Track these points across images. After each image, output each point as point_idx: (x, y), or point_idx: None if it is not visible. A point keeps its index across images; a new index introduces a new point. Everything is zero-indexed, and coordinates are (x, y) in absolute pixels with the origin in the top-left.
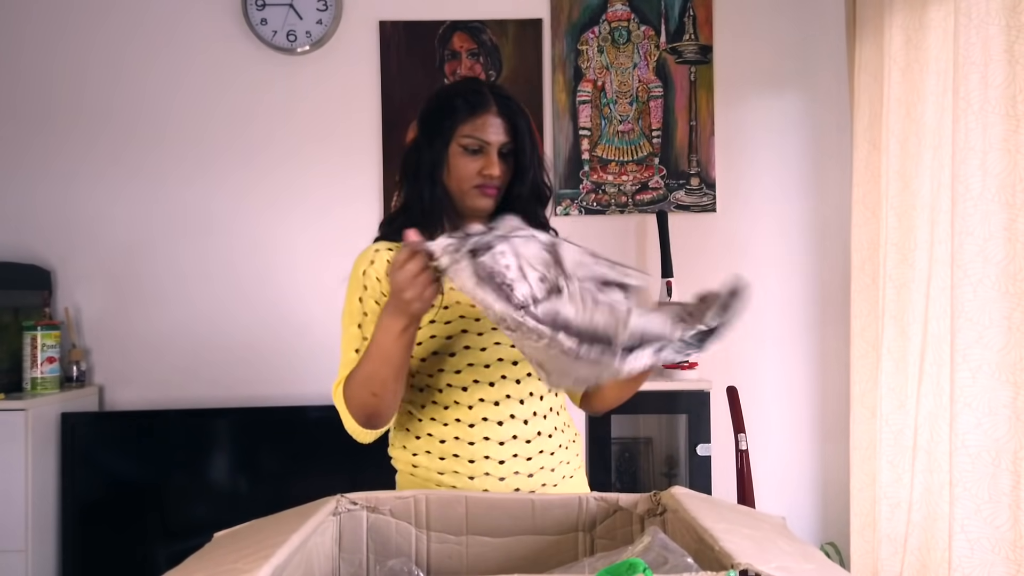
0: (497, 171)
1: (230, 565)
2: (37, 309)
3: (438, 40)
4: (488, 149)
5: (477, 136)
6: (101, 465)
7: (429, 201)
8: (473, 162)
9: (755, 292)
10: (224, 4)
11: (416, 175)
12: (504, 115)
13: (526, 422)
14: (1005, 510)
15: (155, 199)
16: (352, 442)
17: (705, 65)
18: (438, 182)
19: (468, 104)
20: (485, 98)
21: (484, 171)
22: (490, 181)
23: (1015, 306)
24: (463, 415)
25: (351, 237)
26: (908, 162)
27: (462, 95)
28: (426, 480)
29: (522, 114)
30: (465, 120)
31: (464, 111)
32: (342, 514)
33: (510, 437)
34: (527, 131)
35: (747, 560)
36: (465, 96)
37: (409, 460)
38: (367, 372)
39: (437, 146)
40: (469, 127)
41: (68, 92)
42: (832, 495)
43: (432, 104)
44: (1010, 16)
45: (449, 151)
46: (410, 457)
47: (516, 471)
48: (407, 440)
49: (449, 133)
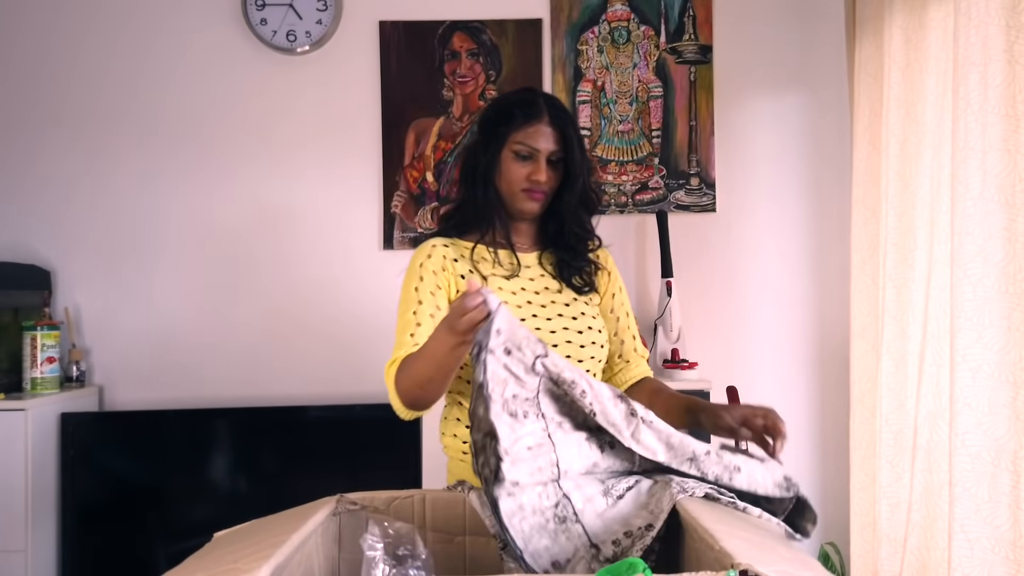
0: (544, 177)
1: (230, 565)
2: (37, 309)
3: (438, 40)
4: (537, 156)
5: (528, 143)
6: (101, 465)
7: (483, 202)
8: (523, 167)
9: (755, 292)
10: (224, 4)
11: (472, 177)
12: (555, 125)
13: None
14: (1005, 510)
15: (155, 199)
16: (352, 442)
17: (705, 65)
18: (491, 184)
19: (523, 113)
20: (539, 108)
21: (532, 176)
22: (537, 186)
23: (1015, 306)
24: None
25: (351, 236)
26: (908, 162)
27: (518, 104)
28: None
29: (573, 125)
30: (519, 128)
31: (519, 119)
32: (342, 514)
33: None
34: (577, 141)
35: (747, 560)
36: (520, 105)
37: (459, 447)
38: (418, 369)
39: (492, 150)
40: (522, 134)
41: (68, 92)
42: (832, 495)
43: (490, 110)
44: (1010, 16)
45: (502, 156)
46: (460, 444)
47: None
48: (457, 428)
49: (503, 139)
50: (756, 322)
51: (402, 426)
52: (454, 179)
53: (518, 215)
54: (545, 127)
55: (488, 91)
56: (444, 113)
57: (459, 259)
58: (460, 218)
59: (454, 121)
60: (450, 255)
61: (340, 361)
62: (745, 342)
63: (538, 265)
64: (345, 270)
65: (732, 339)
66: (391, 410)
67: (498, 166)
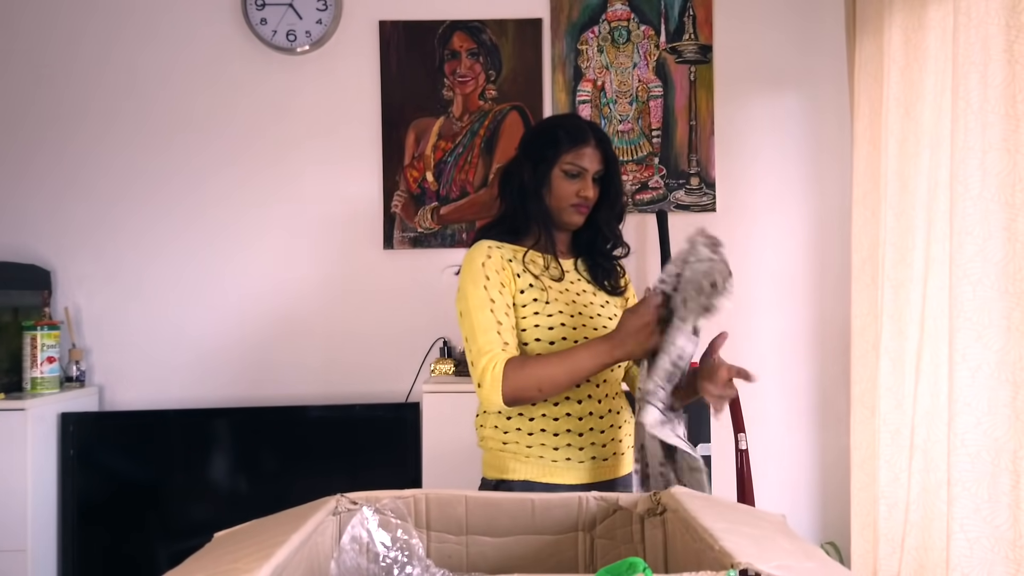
0: (591, 193)
1: (230, 565)
2: (37, 309)
3: (438, 40)
4: (585, 175)
5: (578, 164)
6: (101, 465)
7: (535, 213)
8: (572, 185)
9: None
10: (224, 4)
11: (521, 192)
12: (600, 148)
13: (600, 401)
14: (1005, 509)
15: (155, 198)
16: (352, 442)
17: (705, 65)
18: (542, 199)
19: (570, 136)
20: (585, 132)
21: (581, 193)
22: (585, 202)
23: (1014, 306)
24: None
25: (351, 236)
26: (907, 162)
27: (564, 128)
28: (515, 455)
29: (611, 148)
30: (568, 149)
31: (567, 142)
32: (342, 514)
33: (587, 414)
34: (615, 162)
35: (747, 559)
36: (567, 129)
37: (500, 438)
38: (549, 373)
39: (542, 170)
40: (572, 156)
41: (67, 92)
42: (832, 495)
43: (536, 134)
44: (1010, 16)
45: (552, 174)
46: (501, 435)
47: (592, 443)
48: (499, 420)
49: (553, 159)
50: (756, 322)
51: (402, 426)
52: (493, 196)
53: (563, 226)
54: (592, 149)
55: (488, 91)
56: (444, 113)
57: (512, 260)
58: (506, 227)
59: (454, 121)
60: (505, 255)
61: (340, 361)
62: (745, 342)
63: (574, 271)
64: (345, 270)
65: (732, 339)
66: (391, 410)
67: (548, 183)
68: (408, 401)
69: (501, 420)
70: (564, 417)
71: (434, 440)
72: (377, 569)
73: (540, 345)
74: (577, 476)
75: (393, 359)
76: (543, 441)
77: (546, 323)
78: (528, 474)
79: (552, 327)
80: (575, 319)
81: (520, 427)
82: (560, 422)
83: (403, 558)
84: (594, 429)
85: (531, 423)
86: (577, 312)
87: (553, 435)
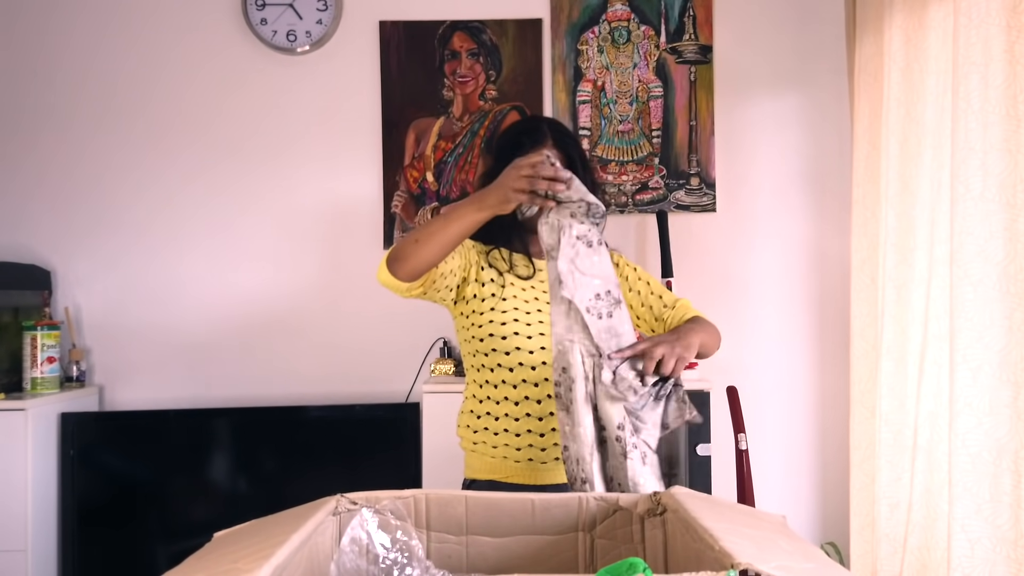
0: None
1: (230, 565)
2: (37, 309)
3: (438, 40)
4: None
5: None
6: (101, 465)
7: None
8: None
9: (755, 291)
10: (224, 4)
11: None
12: (559, 147)
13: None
14: (1006, 509)
15: (155, 199)
16: (352, 442)
17: (705, 65)
18: None
19: (530, 139)
20: (543, 133)
21: None
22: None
23: (1016, 306)
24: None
25: (352, 236)
26: (908, 162)
27: (525, 132)
28: (483, 455)
29: (575, 145)
30: (527, 152)
31: (527, 146)
32: (342, 514)
33: (547, 414)
34: (579, 159)
35: (747, 559)
36: (528, 132)
37: (471, 438)
38: (425, 228)
39: None
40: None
41: (67, 92)
42: (832, 495)
43: (502, 140)
44: (1010, 16)
45: None
46: (471, 435)
47: (555, 443)
48: (471, 420)
49: None
50: (756, 322)
51: (402, 426)
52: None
53: (533, 227)
54: (550, 149)
55: (488, 91)
56: (444, 113)
57: (481, 253)
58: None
59: (454, 121)
60: (478, 249)
61: (340, 361)
62: (745, 342)
63: None
64: (346, 270)
65: (732, 339)
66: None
67: None
68: (408, 401)
69: (472, 419)
70: (524, 417)
71: (434, 440)
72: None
73: (494, 340)
74: (540, 477)
75: (393, 359)
76: (507, 441)
77: (500, 318)
78: (494, 473)
79: (505, 322)
80: (531, 316)
81: (487, 426)
82: (521, 422)
83: (403, 559)
84: (556, 430)
85: (496, 422)
86: (536, 309)
87: (515, 435)
